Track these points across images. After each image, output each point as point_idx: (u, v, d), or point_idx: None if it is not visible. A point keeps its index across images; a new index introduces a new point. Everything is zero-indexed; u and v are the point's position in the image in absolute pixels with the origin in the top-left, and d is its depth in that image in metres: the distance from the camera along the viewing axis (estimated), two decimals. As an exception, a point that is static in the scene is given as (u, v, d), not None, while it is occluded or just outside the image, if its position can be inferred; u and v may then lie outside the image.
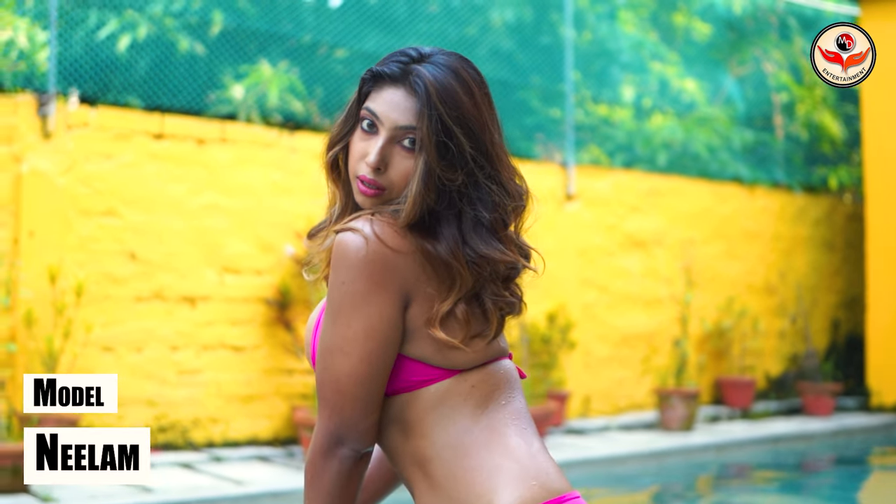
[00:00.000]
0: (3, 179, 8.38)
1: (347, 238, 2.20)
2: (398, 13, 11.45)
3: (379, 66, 2.32)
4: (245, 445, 9.32)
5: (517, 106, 11.80)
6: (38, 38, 10.46)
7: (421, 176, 2.25)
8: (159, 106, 10.07)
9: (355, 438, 2.22)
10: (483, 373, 2.32)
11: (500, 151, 2.34)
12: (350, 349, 2.20)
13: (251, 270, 9.42)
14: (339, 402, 2.21)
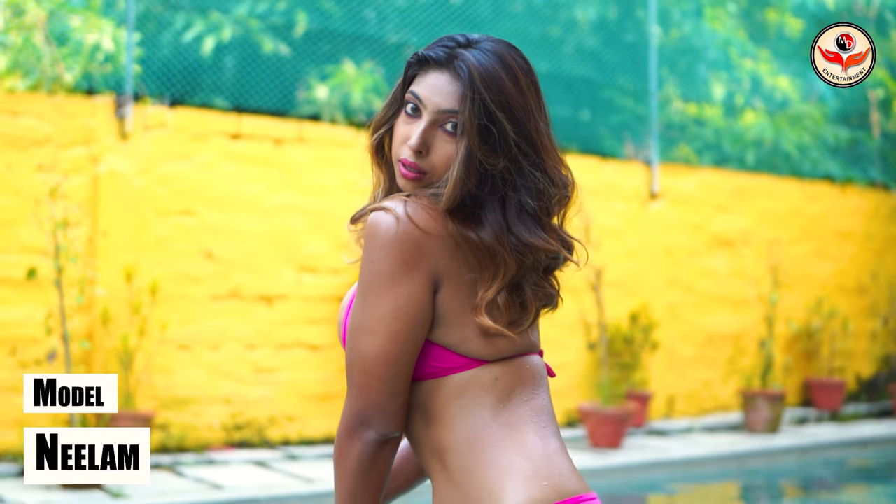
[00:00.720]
0: (80, 180, 8.52)
1: (379, 217, 2.19)
2: (482, 12, 11.44)
3: (425, 50, 2.31)
4: (321, 444, 9.37)
5: (602, 104, 11.73)
6: (124, 41, 10.63)
7: (462, 159, 2.23)
8: (245, 107, 10.17)
9: (381, 421, 2.20)
10: (509, 366, 2.29)
11: (546, 140, 2.30)
12: (378, 328, 2.19)
13: (328, 269, 9.47)
14: (365, 383, 2.20)
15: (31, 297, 8.17)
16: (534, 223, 2.28)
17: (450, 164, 2.26)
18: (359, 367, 2.20)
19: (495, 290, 2.24)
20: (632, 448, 9.89)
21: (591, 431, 9.85)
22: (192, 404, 8.92)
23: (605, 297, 10.49)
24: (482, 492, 2.21)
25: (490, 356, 2.26)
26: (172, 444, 8.79)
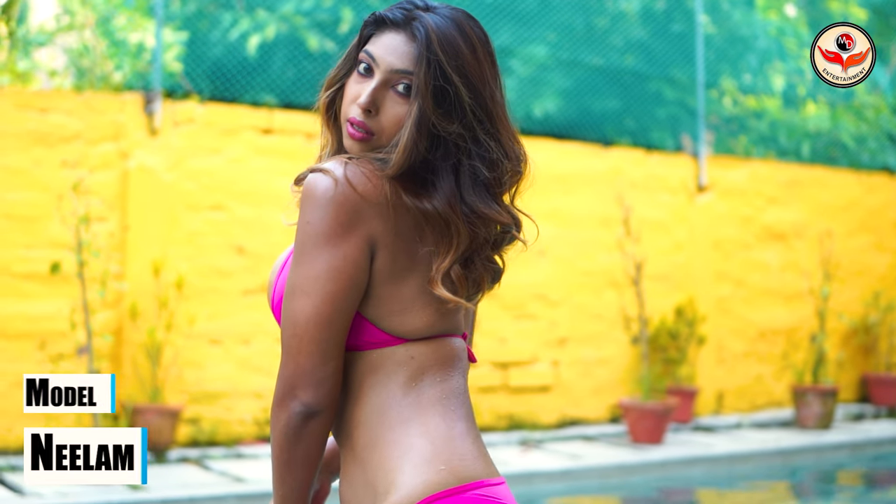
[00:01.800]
0: (110, 176, 8.58)
1: (317, 178, 2.12)
2: (528, 4, 11.36)
3: (383, 11, 2.26)
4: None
5: (650, 96, 11.59)
6: (168, 39, 10.71)
7: (414, 121, 2.16)
8: (294, 104, 10.20)
9: (309, 390, 2.12)
10: (427, 346, 2.22)
11: (501, 111, 2.25)
12: (312, 289, 2.12)
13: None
14: (295, 347, 2.12)
15: (59, 291, 8.24)
16: (487, 194, 2.22)
17: (399, 127, 2.19)
18: (290, 331, 2.13)
19: (450, 261, 2.18)
20: (673, 444, 9.73)
21: (632, 427, 9.72)
22: (223, 398, 8.94)
23: (646, 290, 10.35)
24: (379, 471, 2.17)
25: (409, 334, 2.20)
26: (203, 438, 8.82)
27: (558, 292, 10.29)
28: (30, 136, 8.34)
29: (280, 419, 2.13)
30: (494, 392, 9.98)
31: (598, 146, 10.72)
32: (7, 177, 8.25)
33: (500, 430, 9.96)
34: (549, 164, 10.30)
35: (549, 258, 10.25)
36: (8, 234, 8.23)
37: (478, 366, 9.88)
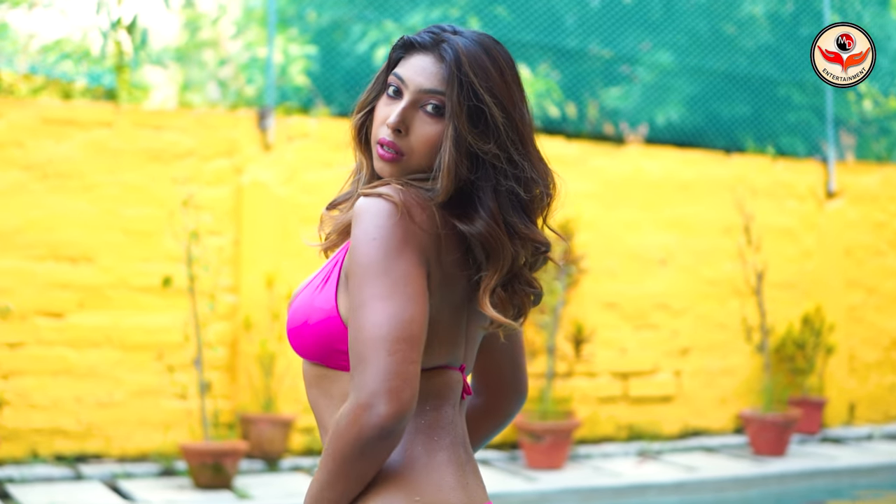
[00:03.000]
0: (224, 191, 8.78)
1: (378, 202, 2.13)
2: (654, 11, 11.28)
3: (411, 35, 2.31)
4: (471, 449, 9.37)
5: (779, 102, 11.39)
6: (293, 53, 10.92)
7: (452, 141, 2.19)
8: None
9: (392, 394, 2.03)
10: (425, 375, 2.22)
11: (529, 132, 2.27)
12: (390, 293, 2.09)
13: (478, 275, 9.46)
14: (379, 348, 2.06)
15: (173, 303, 8.45)
16: (525, 215, 2.25)
17: (428, 146, 2.22)
18: (372, 333, 2.07)
19: (496, 281, 2.20)
20: (796, 456, 9.55)
21: (753, 438, 9.57)
22: (339, 408, 9.05)
23: (772, 299, 10.19)
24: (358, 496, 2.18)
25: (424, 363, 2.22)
26: (318, 447, 8.95)
27: (680, 301, 10.18)
28: (146, 153, 8.58)
29: (352, 429, 2.05)
30: (614, 402, 9.92)
31: (722, 153, 10.58)
32: (124, 193, 8.50)
33: (620, 440, 9.89)
34: (670, 173, 10.21)
35: (670, 267, 10.15)
36: (125, 249, 8.48)
37: (597, 375, 9.84)
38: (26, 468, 8.07)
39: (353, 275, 2.13)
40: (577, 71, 11.19)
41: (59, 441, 8.31)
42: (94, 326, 8.40)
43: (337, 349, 2.22)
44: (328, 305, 2.22)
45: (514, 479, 8.61)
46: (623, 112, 11.14)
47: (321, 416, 2.29)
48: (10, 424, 8.18)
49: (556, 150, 9.86)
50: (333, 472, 2.10)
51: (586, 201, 9.82)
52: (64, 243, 8.36)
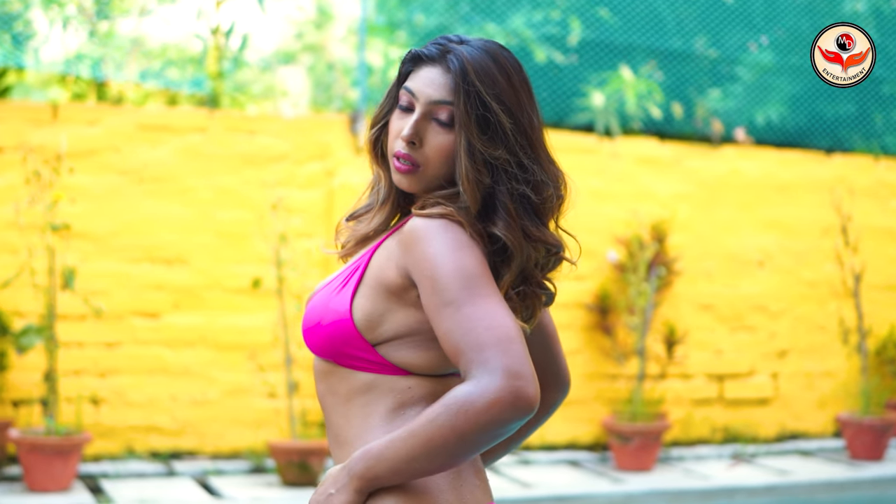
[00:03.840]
0: (316, 194, 8.93)
1: (443, 222, 2.23)
2: (755, 10, 11.17)
3: (418, 48, 2.39)
4: (562, 449, 9.41)
5: (885, 100, 11.20)
6: (393, 57, 11.05)
7: (465, 151, 2.27)
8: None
9: (530, 378, 2.08)
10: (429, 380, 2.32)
11: (539, 136, 2.34)
12: (494, 293, 2.16)
13: (571, 276, 9.44)
14: (503, 335, 2.10)
15: (264, 304, 8.62)
16: (537, 217, 2.31)
17: (443, 156, 2.30)
18: (488, 322, 2.11)
19: (508, 285, 2.27)
20: (894, 460, 9.40)
21: (850, 442, 9.45)
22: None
23: (874, 301, 10.05)
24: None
25: (417, 369, 2.30)
26: (409, 446, 9.06)
27: (778, 303, 10.08)
28: (239, 157, 8.76)
29: (494, 408, 2.06)
30: (709, 404, 9.86)
31: (821, 154, 10.45)
32: (218, 196, 8.70)
33: (715, 442, 9.83)
34: (768, 174, 10.12)
35: (768, 269, 10.06)
36: (219, 251, 8.68)
37: (692, 377, 9.80)
38: (121, 464, 8.31)
39: (439, 281, 2.17)
40: (679, 72, 11.13)
41: (155, 438, 8.54)
42: (188, 326, 8.61)
43: (344, 351, 2.29)
44: (342, 308, 2.29)
45: (600, 480, 8.63)
46: (722, 113, 11.05)
47: (327, 411, 2.37)
48: (107, 421, 8.43)
49: (649, 152, 9.85)
50: (440, 445, 2.10)
51: (681, 203, 9.78)
52: (159, 246, 8.59)
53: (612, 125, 10.15)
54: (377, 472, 2.15)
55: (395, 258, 2.27)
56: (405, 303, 2.27)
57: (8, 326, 7.96)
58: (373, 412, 2.29)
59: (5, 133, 8.30)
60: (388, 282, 2.27)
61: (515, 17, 11.25)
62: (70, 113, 8.52)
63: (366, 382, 2.29)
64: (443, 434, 2.08)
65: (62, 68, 9.90)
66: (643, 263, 9.16)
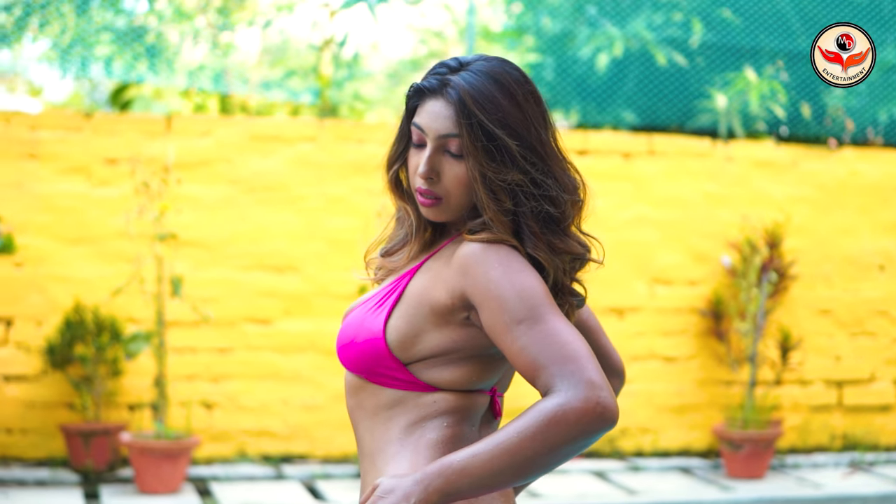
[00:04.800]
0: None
1: (500, 245, 2.30)
2: (885, 7, 10.95)
3: (419, 81, 2.46)
4: (675, 456, 9.35)
5: None
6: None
7: (480, 183, 2.33)
8: (647, 125, 10.34)
9: (608, 391, 2.16)
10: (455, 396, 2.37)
11: (550, 148, 2.38)
12: (554, 309, 2.23)
13: (683, 281, 9.43)
14: (580, 349, 2.18)
15: (373, 311, 8.72)
16: (558, 228, 2.37)
17: (462, 186, 2.35)
18: (564, 337, 2.19)
19: None
20: None
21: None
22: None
23: None
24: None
25: (444, 385, 2.36)
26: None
27: (901, 308, 9.88)
28: (348, 166, 8.89)
29: (583, 419, 2.11)
30: (828, 411, 9.70)
31: (947, 154, 10.20)
32: (327, 205, 8.84)
33: (834, 450, 9.66)
34: (889, 176, 9.91)
35: (889, 273, 9.85)
36: (329, 258, 8.82)
37: (810, 384, 9.65)
38: (231, 467, 8.50)
39: (507, 301, 2.23)
40: (803, 72, 10.96)
41: (266, 442, 8.72)
42: (298, 332, 8.77)
43: (376, 369, 2.35)
44: (376, 328, 2.35)
45: (709, 487, 8.55)
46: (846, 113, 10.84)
47: (355, 425, 2.43)
48: (219, 425, 8.63)
49: (765, 155, 9.72)
50: (529, 458, 2.13)
51: (796, 206, 9.63)
52: (270, 254, 8.76)
53: (735, 127, 10.06)
54: (459, 486, 2.16)
55: (446, 280, 2.32)
56: (447, 323, 2.32)
57: (120, 333, 8.20)
58: (394, 425, 2.35)
59: (120, 145, 8.55)
60: (435, 302, 2.32)
61: (636, 20, 11.20)
62: (183, 125, 8.75)
63: (393, 398, 2.35)
64: (533, 446, 2.12)
65: (186, 81, 10.17)
66: (754, 268, 9.06)
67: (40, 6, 9.97)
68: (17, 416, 8.38)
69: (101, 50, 10.06)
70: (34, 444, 8.39)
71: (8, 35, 10.02)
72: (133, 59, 9.95)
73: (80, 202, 8.49)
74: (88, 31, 9.99)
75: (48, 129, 8.53)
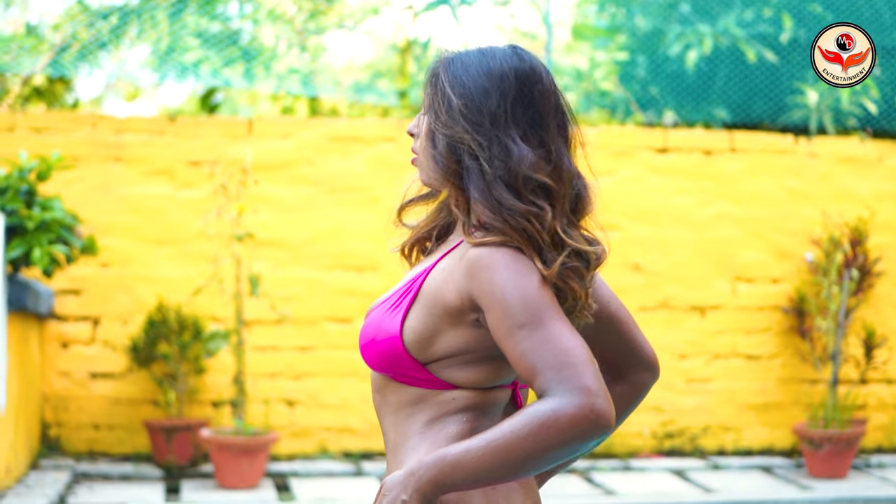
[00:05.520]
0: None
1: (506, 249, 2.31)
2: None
3: None
4: (757, 455, 9.30)
5: None
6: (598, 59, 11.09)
7: (427, 136, 2.41)
8: (738, 121, 10.29)
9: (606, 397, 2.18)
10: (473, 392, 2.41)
11: (504, 117, 2.37)
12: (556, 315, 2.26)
13: (766, 279, 9.37)
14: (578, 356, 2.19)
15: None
16: (506, 189, 2.35)
17: (423, 139, 2.42)
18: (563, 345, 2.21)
19: None
20: None
21: None
22: (621, 412, 9.17)
23: None
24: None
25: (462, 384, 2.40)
26: (600, 449, 9.11)
27: None
28: (427, 166, 8.98)
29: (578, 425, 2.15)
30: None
31: None
32: (406, 205, 8.94)
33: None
34: None
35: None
36: (408, 258, 8.91)
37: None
38: (311, 463, 8.65)
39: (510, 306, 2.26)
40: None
41: (346, 438, 8.85)
42: (378, 331, 8.87)
43: (396, 369, 2.40)
44: (393, 329, 2.39)
45: (787, 487, 8.50)
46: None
47: (381, 421, 2.48)
48: (300, 422, 8.79)
49: (849, 151, 9.61)
50: (521, 458, 2.18)
51: (882, 202, 9.51)
52: (350, 253, 8.90)
53: (825, 123, 9.97)
54: (454, 479, 2.22)
55: (456, 282, 2.35)
56: (460, 323, 2.35)
57: (202, 331, 8.39)
58: (416, 420, 2.40)
59: (204, 148, 8.75)
60: (447, 303, 2.35)
61: (727, 17, 11.13)
62: (265, 127, 8.92)
63: (415, 395, 2.40)
64: (525, 447, 2.17)
65: (275, 85, 10.35)
66: (835, 266, 8.97)
67: (136, 12, 10.23)
68: (103, 412, 8.63)
69: (192, 55, 10.29)
70: (120, 439, 8.63)
71: (106, 42, 10.30)
72: (224, 64, 10.16)
73: (164, 204, 8.71)
74: (181, 36, 10.22)
75: (133, 133, 8.76)
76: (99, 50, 10.27)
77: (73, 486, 7.96)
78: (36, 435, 8.45)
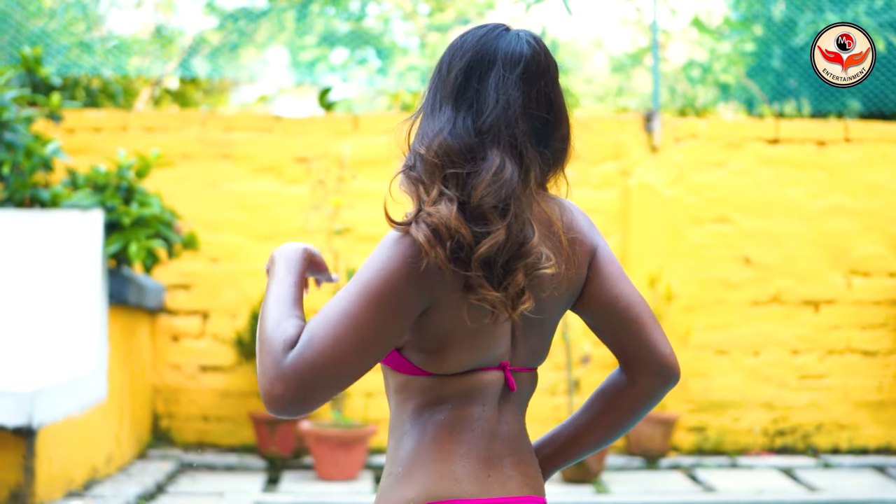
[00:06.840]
0: (612, 193, 9.03)
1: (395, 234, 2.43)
2: None
3: None
4: (873, 454, 9.07)
5: None
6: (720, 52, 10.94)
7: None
8: (874, 111, 10.07)
9: (282, 386, 2.30)
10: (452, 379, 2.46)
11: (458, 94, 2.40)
12: (359, 290, 2.38)
13: (883, 272, 9.14)
14: (311, 337, 2.35)
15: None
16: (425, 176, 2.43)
17: None
18: (312, 325, 2.36)
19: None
20: None
21: None
22: (731, 408, 9.06)
23: None
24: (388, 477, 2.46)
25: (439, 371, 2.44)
26: (708, 446, 9.00)
27: None
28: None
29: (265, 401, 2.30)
30: None
31: None
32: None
33: None
34: None
35: None
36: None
37: None
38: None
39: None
40: None
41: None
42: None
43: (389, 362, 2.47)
44: None
45: (891, 485, 8.28)
46: None
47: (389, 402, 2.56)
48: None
49: None
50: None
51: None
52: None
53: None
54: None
55: None
56: None
57: (304, 325, 8.51)
58: (405, 409, 2.46)
59: (310, 145, 8.88)
60: None
61: (858, 5, 10.88)
62: (370, 124, 9.01)
63: (401, 382, 2.46)
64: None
65: (395, 83, 10.46)
66: (952, 259, 8.71)
67: (263, 14, 10.44)
68: (212, 404, 8.83)
69: (311, 54, 10.45)
70: (228, 431, 8.82)
71: (236, 44, 10.53)
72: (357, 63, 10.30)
73: (271, 200, 8.87)
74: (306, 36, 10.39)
75: (241, 131, 8.94)
76: (230, 52, 10.49)
77: (177, 475, 8.16)
78: (146, 426, 8.68)
